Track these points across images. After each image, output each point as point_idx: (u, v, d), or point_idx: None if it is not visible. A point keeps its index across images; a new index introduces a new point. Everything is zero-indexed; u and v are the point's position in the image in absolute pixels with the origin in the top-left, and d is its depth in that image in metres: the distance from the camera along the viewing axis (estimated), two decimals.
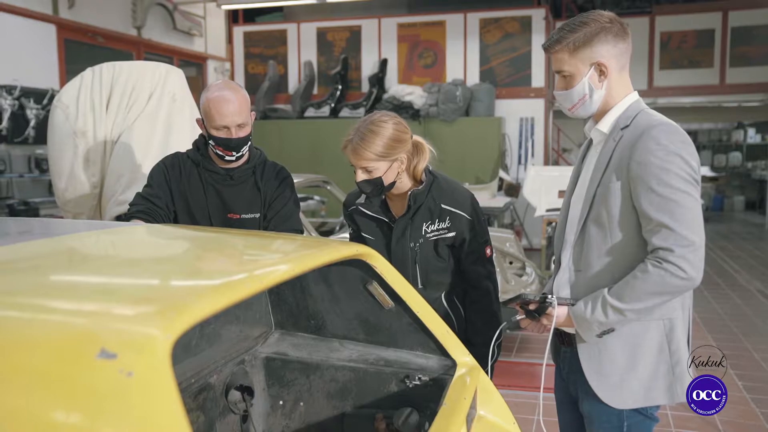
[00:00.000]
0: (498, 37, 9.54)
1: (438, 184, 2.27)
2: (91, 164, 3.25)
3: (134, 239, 1.63)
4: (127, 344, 0.85)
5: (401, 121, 2.23)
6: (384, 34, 10.01)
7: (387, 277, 1.62)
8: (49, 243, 1.45)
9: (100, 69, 3.30)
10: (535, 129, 9.50)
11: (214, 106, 2.30)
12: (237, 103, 2.31)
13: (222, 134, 2.32)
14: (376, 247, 2.27)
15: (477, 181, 9.07)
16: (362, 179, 2.18)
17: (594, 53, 1.80)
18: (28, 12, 6.89)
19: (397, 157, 2.17)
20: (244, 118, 2.33)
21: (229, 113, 2.29)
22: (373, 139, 2.14)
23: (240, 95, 2.34)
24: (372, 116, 2.23)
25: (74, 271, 1.24)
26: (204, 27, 9.96)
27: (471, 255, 2.28)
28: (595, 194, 1.80)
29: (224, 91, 2.31)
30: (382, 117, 2.21)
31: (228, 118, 2.29)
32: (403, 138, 2.19)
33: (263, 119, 10.00)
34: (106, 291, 1.08)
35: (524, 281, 5.00)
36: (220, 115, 2.29)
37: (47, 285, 1.13)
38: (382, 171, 2.16)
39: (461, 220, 2.25)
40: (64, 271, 1.26)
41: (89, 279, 1.18)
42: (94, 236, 1.68)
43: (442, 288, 2.31)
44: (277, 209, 2.44)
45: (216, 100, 2.30)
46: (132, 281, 1.17)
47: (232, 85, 2.38)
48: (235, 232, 1.78)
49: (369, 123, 2.19)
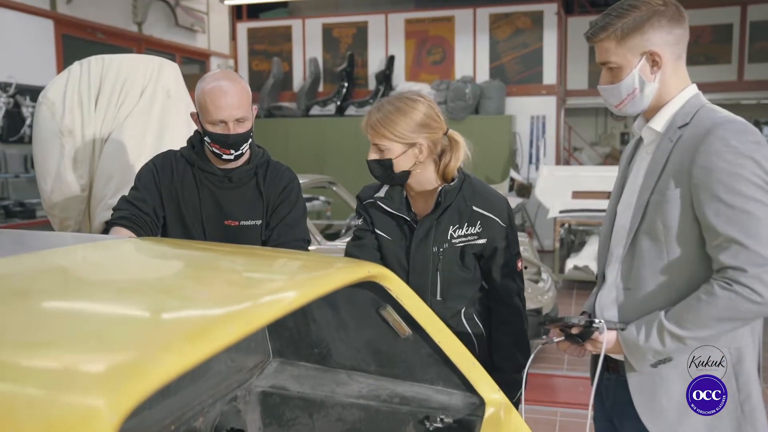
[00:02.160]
0: (508, 33, 9.27)
1: (470, 184, 2.04)
2: (79, 165, 3.00)
3: (104, 260, 1.39)
4: (58, 424, 0.60)
5: (435, 107, 2.00)
6: (391, 30, 9.75)
7: (403, 300, 1.37)
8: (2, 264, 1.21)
9: (88, 62, 3.06)
10: (546, 127, 9.23)
11: (210, 98, 2.05)
12: (236, 94, 2.06)
13: (219, 130, 2.08)
14: (393, 249, 2.03)
15: (487, 181, 8.78)
16: (372, 158, 1.97)
17: (645, 41, 1.55)
18: (25, 6, 6.67)
19: (415, 143, 1.94)
20: (244, 112, 2.09)
21: (227, 106, 2.05)
22: (397, 118, 1.93)
23: (239, 86, 2.09)
24: (404, 93, 2.01)
25: (17, 308, 0.99)
26: (207, 23, 9.71)
27: (502, 267, 2.03)
28: (648, 202, 1.55)
29: (222, 81, 2.07)
30: (415, 96, 1.99)
31: (225, 112, 2.05)
32: (431, 125, 1.96)
33: (267, 117, 9.76)
34: (53, 341, 0.84)
35: (541, 288, 4.75)
36: (216, 107, 2.05)
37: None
38: (395, 154, 1.94)
39: (494, 226, 2.00)
40: (5, 307, 1.01)
41: (35, 320, 0.94)
42: (57, 255, 1.44)
43: (462, 302, 2.06)
44: (282, 216, 2.20)
45: (212, 91, 2.05)
46: (86, 324, 0.92)
47: (231, 74, 2.14)
48: (223, 250, 1.53)
49: (397, 99, 1.97)
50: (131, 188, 2.19)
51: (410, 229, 2.05)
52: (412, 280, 2.02)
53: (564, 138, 10.11)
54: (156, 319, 0.95)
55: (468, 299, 2.06)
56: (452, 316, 2.03)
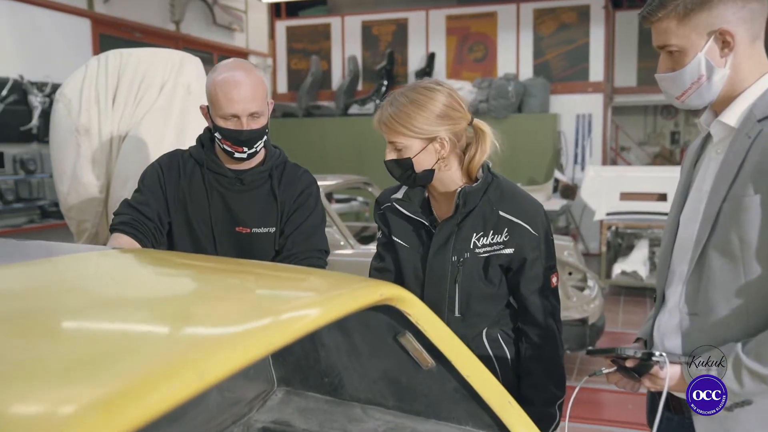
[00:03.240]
0: (553, 29, 8.94)
1: (498, 186, 1.78)
2: (96, 165, 2.87)
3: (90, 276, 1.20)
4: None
5: (455, 94, 1.76)
6: (432, 26, 9.52)
7: (425, 327, 1.15)
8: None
9: (105, 57, 2.92)
10: (593, 126, 8.87)
11: (222, 90, 1.87)
12: (250, 86, 1.88)
13: (230, 125, 1.90)
14: (410, 258, 1.81)
15: (530, 181, 8.51)
16: (390, 158, 1.75)
17: (713, 18, 1.31)
18: (62, 6, 6.64)
19: (436, 137, 1.71)
20: (258, 106, 1.90)
21: (240, 99, 1.87)
22: (413, 111, 1.70)
23: (253, 77, 1.91)
24: (420, 82, 1.77)
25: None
26: (245, 21, 9.63)
27: (532, 282, 1.78)
28: (720, 211, 1.30)
29: (234, 72, 1.89)
30: (431, 84, 1.75)
31: (238, 105, 1.87)
32: (453, 115, 1.73)
33: (305, 117, 9.63)
34: (29, 374, 0.69)
35: (587, 296, 4.46)
36: (228, 100, 1.87)
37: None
38: (414, 151, 1.72)
39: (524, 234, 1.75)
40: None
41: (15, 345, 0.78)
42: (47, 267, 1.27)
43: (484, 321, 1.82)
44: (297, 223, 2.00)
45: (224, 83, 1.87)
46: (61, 357, 0.75)
47: (245, 65, 1.95)
48: (207, 266, 1.33)
49: (412, 90, 1.74)
50: (135, 190, 2.02)
51: (429, 235, 1.83)
52: (428, 292, 1.81)
53: (611, 137, 9.72)
54: (142, 354, 0.77)
55: (491, 318, 1.83)
56: (473, 336, 1.80)
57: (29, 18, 6.26)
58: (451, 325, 1.78)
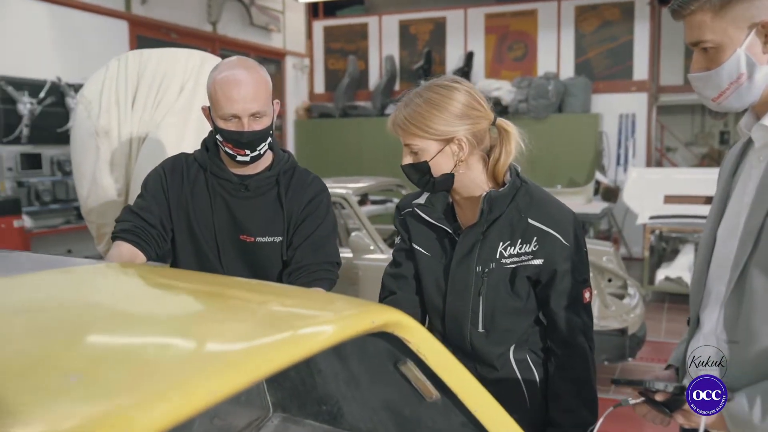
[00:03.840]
0: (595, 26, 8.69)
1: (527, 191, 1.65)
2: (115, 168, 2.81)
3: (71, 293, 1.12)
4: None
5: (475, 92, 1.64)
6: (470, 25, 9.35)
7: (427, 356, 1.03)
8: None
9: (125, 58, 2.86)
10: (636, 126, 8.58)
11: (222, 89, 1.78)
12: (251, 85, 1.78)
13: (231, 126, 1.80)
14: (432, 267, 1.69)
15: (571, 183, 8.28)
16: (406, 162, 1.64)
17: (755, 9, 1.17)
18: (100, 8, 6.70)
19: (452, 138, 1.59)
20: (261, 106, 1.80)
21: (240, 98, 1.77)
22: (428, 112, 1.58)
23: (256, 76, 1.81)
24: (436, 80, 1.65)
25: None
26: (282, 22, 9.60)
27: (563, 297, 1.64)
28: (763, 227, 1.15)
29: (236, 70, 1.79)
30: (448, 83, 1.63)
31: (238, 105, 1.77)
32: (472, 114, 1.61)
33: (342, 117, 9.56)
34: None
35: (626, 304, 4.26)
36: (228, 100, 1.77)
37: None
38: (430, 154, 1.60)
39: (555, 244, 1.61)
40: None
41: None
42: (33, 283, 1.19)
43: (510, 339, 1.68)
44: (306, 234, 1.89)
45: (224, 81, 1.78)
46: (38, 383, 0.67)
47: (248, 62, 1.85)
48: (184, 287, 1.22)
49: (427, 89, 1.62)
50: (138, 196, 1.94)
51: (452, 243, 1.70)
52: (450, 305, 1.69)
53: (656, 137, 9.41)
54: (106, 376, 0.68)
55: (518, 335, 1.69)
56: (499, 355, 1.67)
57: (67, 20, 6.32)
58: (475, 340, 1.67)
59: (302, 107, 9.94)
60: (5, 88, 5.71)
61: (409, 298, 1.78)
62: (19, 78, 5.81)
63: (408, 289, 1.78)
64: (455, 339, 1.70)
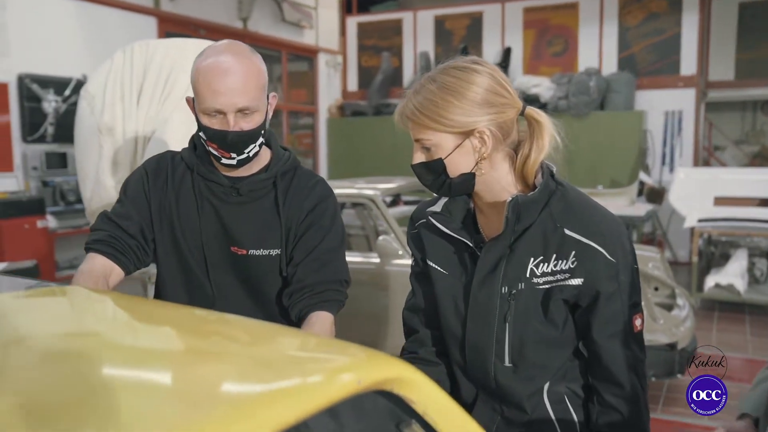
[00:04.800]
0: (640, 19, 8.28)
1: (564, 196, 1.38)
2: (119, 167, 2.62)
3: None
4: None
5: (500, 75, 1.35)
6: (508, 20, 9.03)
7: (436, 418, 0.78)
8: None
9: (131, 49, 2.66)
10: (683, 124, 8.16)
11: (205, 78, 1.50)
12: (240, 74, 1.50)
13: (216, 123, 1.52)
14: (449, 288, 1.43)
15: (613, 184, 7.91)
16: (418, 161, 1.37)
17: None
18: (128, 4, 6.58)
19: (473, 130, 1.31)
20: (250, 100, 1.51)
21: (226, 90, 1.48)
22: (443, 99, 1.31)
23: (247, 63, 1.52)
24: (452, 62, 1.37)
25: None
26: (315, 18, 9.41)
27: (608, 324, 1.36)
28: None
29: (222, 56, 1.51)
30: (467, 64, 1.35)
31: (223, 98, 1.49)
32: (496, 102, 1.33)
33: (375, 115, 9.33)
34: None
35: (676, 316, 3.93)
36: (211, 91, 1.49)
37: None
38: (446, 150, 1.33)
39: (597, 260, 1.33)
40: None
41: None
42: None
43: (544, 375, 1.41)
44: (309, 248, 1.63)
45: (208, 70, 1.50)
46: None
47: (238, 47, 1.56)
48: (140, 329, 0.98)
49: (443, 72, 1.34)
50: (117, 200, 1.71)
51: (474, 259, 1.43)
52: (470, 333, 1.43)
53: (703, 136, 8.96)
54: None
55: (553, 371, 1.41)
56: (530, 395, 1.40)
57: (95, 17, 6.21)
58: (500, 376, 1.40)
59: (335, 105, 9.74)
60: (30, 86, 5.62)
61: (432, 334, 1.55)
62: (44, 76, 5.72)
63: (429, 324, 1.54)
64: (477, 374, 1.45)
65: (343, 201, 4.67)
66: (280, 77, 9.14)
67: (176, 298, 1.67)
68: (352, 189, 4.54)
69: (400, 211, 5.83)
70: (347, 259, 1.72)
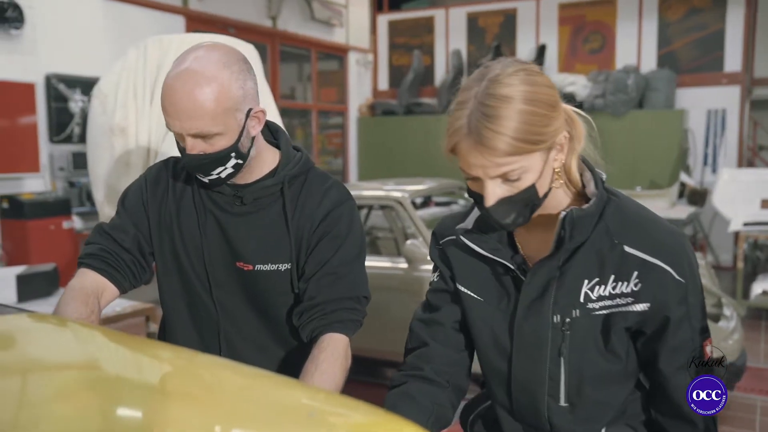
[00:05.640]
0: (682, 14, 7.97)
1: (620, 207, 1.21)
2: (132, 170, 2.50)
3: None
4: None
5: (541, 72, 1.16)
6: (543, 16, 8.78)
7: None
8: None
9: (144, 46, 2.54)
10: (727, 123, 7.83)
11: (164, 95, 1.32)
12: (196, 98, 1.28)
13: (181, 141, 1.37)
14: (485, 318, 1.25)
15: (652, 185, 7.62)
16: (495, 200, 1.12)
17: None
18: (156, 3, 6.52)
19: (555, 140, 1.13)
20: (206, 125, 1.31)
21: (175, 113, 1.30)
22: (540, 113, 1.09)
23: (209, 83, 1.29)
24: (509, 69, 1.12)
25: None
26: (345, 16, 9.27)
27: (678, 354, 1.19)
28: None
29: (182, 71, 1.30)
30: (526, 65, 1.14)
31: (174, 121, 1.31)
32: (555, 102, 1.14)
33: (405, 115, 9.16)
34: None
35: (723, 328, 3.69)
36: (165, 110, 1.32)
37: None
38: (537, 172, 1.12)
39: (666, 280, 1.16)
40: None
41: None
42: None
43: (604, 414, 1.24)
44: (322, 260, 1.46)
45: (166, 84, 1.32)
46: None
47: (207, 59, 1.32)
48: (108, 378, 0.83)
49: (521, 82, 1.10)
50: (115, 212, 1.56)
51: (516, 282, 1.25)
52: (517, 370, 1.25)
53: (748, 135, 8.60)
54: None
55: (615, 408, 1.24)
56: None
57: (122, 16, 6.15)
58: (555, 418, 1.22)
59: (365, 104, 9.59)
60: (57, 85, 5.57)
61: (444, 353, 1.34)
62: (71, 75, 5.67)
63: (444, 341, 1.35)
64: (527, 415, 1.27)
65: (370, 203, 4.52)
66: (309, 76, 9.03)
67: (179, 318, 1.54)
68: (379, 191, 4.39)
69: (430, 212, 5.67)
70: (374, 264, 1.55)
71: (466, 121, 1.10)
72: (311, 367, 1.33)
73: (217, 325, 1.50)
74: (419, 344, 1.37)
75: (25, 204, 5.13)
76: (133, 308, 3.06)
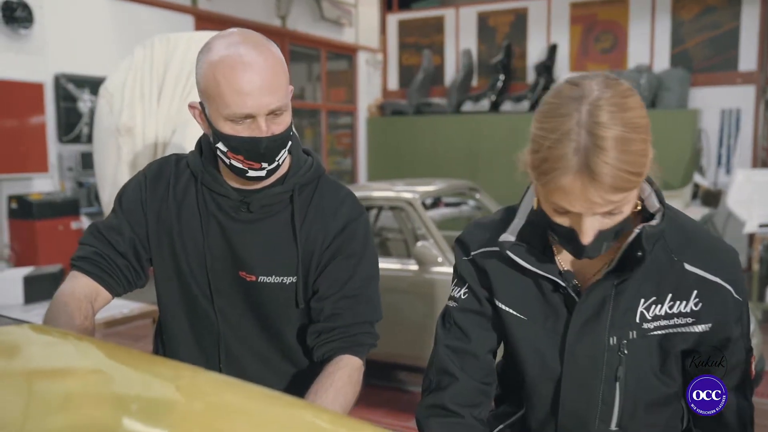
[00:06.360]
0: (695, 12, 7.88)
1: (675, 221, 1.16)
2: (138, 170, 2.43)
3: None
4: None
5: (632, 89, 1.12)
6: (554, 15, 8.70)
7: None
8: None
9: (152, 45, 2.50)
10: (741, 123, 7.73)
11: (225, 78, 1.23)
12: (268, 70, 1.24)
13: (243, 130, 1.27)
14: (532, 339, 1.17)
15: (665, 186, 7.53)
16: (598, 232, 1.04)
17: None
18: (165, 3, 6.49)
19: None
20: (281, 98, 1.27)
21: (254, 90, 1.22)
22: (645, 141, 1.05)
23: (271, 54, 1.27)
24: (587, 90, 1.05)
25: None
26: (355, 16, 9.23)
27: (731, 375, 1.16)
28: None
29: (241, 48, 1.24)
30: (620, 81, 1.10)
31: (252, 100, 1.23)
32: (648, 125, 1.11)
33: (416, 114, 9.10)
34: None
35: None
36: (237, 93, 1.23)
37: None
38: (633, 202, 1.08)
39: (727, 300, 1.12)
40: None
41: None
42: None
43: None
44: (342, 280, 1.37)
45: (227, 67, 1.23)
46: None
47: (254, 35, 1.30)
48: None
49: (599, 108, 1.02)
50: (111, 210, 1.51)
51: (566, 301, 1.17)
52: (568, 397, 1.17)
53: (763, 135, 8.50)
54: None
55: (662, 428, 1.19)
56: None
57: (131, 15, 6.13)
58: None
59: (375, 104, 9.54)
60: (66, 85, 5.55)
61: (476, 387, 1.24)
62: (79, 75, 5.65)
63: (474, 374, 1.24)
64: None
65: (380, 204, 4.47)
66: (319, 76, 8.99)
67: (177, 324, 1.47)
68: (389, 192, 4.34)
69: (440, 213, 5.60)
70: (384, 266, 1.50)
71: (575, 156, 1.00)
72: (327, 383, 1.26)
73: (218, 334, 1.44)
74: (447, 377, 1.25)
75: (34, 204, 5.10)
76: (140, 310, 3.02)
